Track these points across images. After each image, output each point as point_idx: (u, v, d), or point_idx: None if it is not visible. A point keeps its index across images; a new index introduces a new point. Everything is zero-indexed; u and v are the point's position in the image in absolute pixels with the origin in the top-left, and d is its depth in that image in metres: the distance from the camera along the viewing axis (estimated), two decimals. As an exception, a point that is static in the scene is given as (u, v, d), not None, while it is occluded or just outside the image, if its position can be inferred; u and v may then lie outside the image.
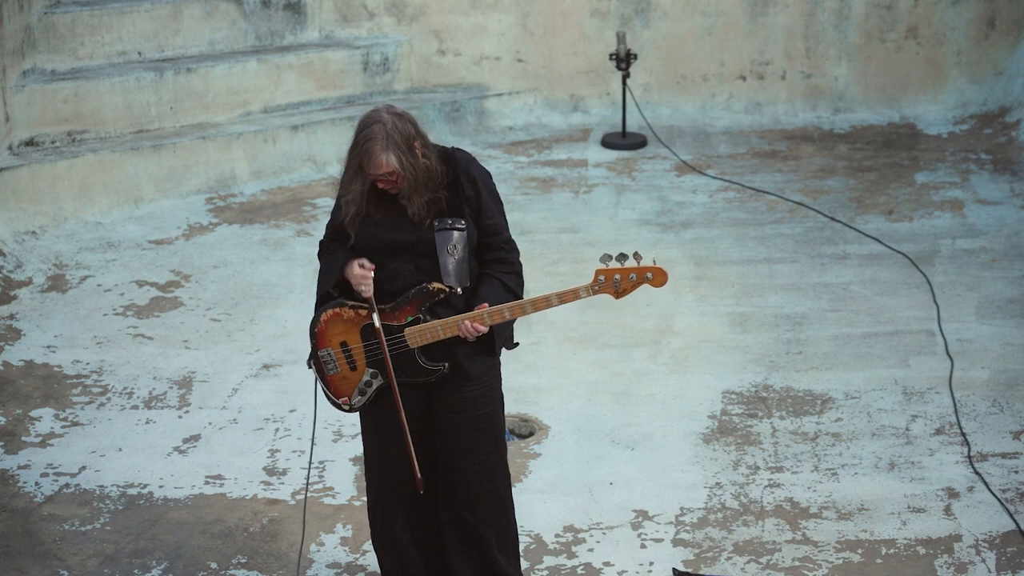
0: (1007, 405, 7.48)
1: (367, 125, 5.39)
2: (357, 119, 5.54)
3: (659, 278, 5.43)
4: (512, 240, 5.66)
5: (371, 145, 5.35)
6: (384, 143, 5.34)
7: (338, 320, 5.57)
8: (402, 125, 5.38)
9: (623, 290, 5.45)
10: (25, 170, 9.56)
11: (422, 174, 5.41)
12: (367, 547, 6.40)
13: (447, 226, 5.46)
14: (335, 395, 5.65)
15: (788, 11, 11.44)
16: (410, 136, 5.39)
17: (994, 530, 6.50)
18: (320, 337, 5.60)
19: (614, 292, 5.45)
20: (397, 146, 5.35)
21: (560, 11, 11.49)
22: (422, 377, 5.57)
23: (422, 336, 5.49)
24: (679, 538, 6.50)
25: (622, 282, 5.43)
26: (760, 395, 7.64)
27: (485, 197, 5.54)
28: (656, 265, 5.44)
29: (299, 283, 8.92)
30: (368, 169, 5.38)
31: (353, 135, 5.45)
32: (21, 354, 8.13)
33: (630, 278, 5.43)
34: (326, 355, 5.61)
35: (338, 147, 10.59)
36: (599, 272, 5.43)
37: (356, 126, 5.46)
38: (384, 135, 5.35)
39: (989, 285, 8.74)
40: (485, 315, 5.44)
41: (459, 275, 5.50)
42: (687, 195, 10.22)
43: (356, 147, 5.40)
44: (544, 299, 5.47)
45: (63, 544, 6.50)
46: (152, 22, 10.66)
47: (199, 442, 7.31)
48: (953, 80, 11.48)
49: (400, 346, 5.53)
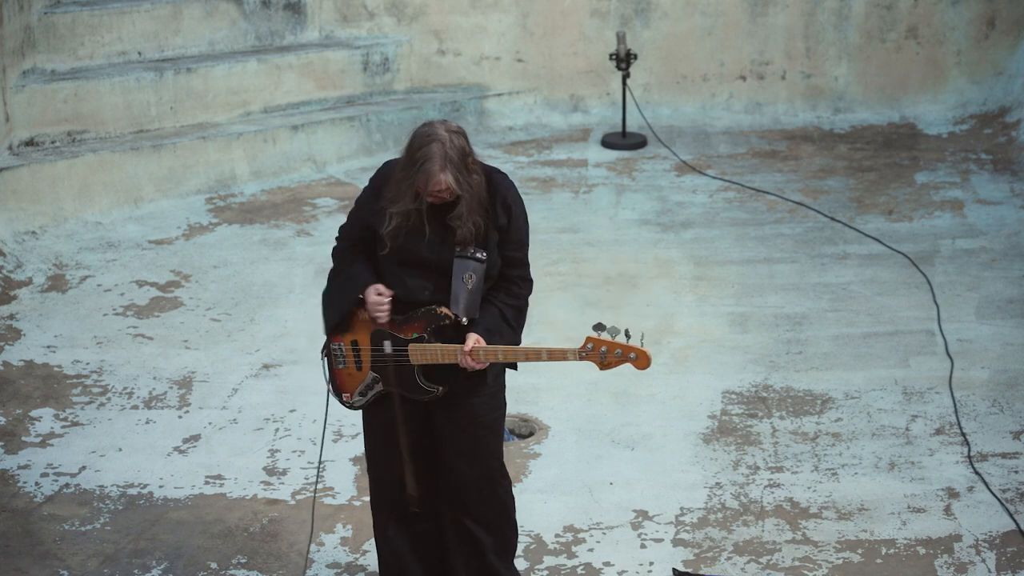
0: (1007, 405, 7.48)
1: (425, 143, 5.31)
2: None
3: (642, 361, 5.42)
4: (529, 276, 5.62)
5: (430, 165, 5.28)
6: (443, 162, 5.28)
7: (354, 318, 5.59)
8: (459, 142, 5.33)
9: (608, 363, 5.45)
10: (25, 170, 9.56)
11: (477, 192, 5.38)
12: (367, 547, 6.40)
13: (468, 255, 5.42)
14: (339, 389, 5.70)
15: (788, 11, 11.44)
16: (465, 153, 5.35)
17: (994, 530, 6.50)
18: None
19: (599, 363, 5.45)
20: (455, 165, 5.30)
21: (560, 11, 11.48)
22: (418, 395, 5.58)
23: (423, 356, 5.49)
24: (679, 538, 6.50)
25: (608, 355, 5.43)
26: (760, 395, 7.64)
27: (516, 229, 5.50)
28: (642, 348, 5.42)
29: (299, 283, 8.92)
30: (425, 187, 5.32)
31: (408, 150, 5.37)
32: (21, 354, 8.13)
33: (616, 353, 5.43)
34: (338, 349, 5.64)
35: (338, 147, 10.58)
36: (589, 339, 5.43)
37: (409, 142, 5.37)
38: (443, 154, 5.28)
39: (989, 285, 8.74)
40: (481, 352, 5.43)
41: (469, 306, 5.46)
42: (687, 195, 10.22)
43: (414, 164, 5.31)
44: (535, 352, 5.48)
45: (63, 544, 6.50)
46: (152, 22, 10.66)
47: (199, 442, 7.31)
48: (953, 80, 11.48)
49: (402, 360, 5.54)
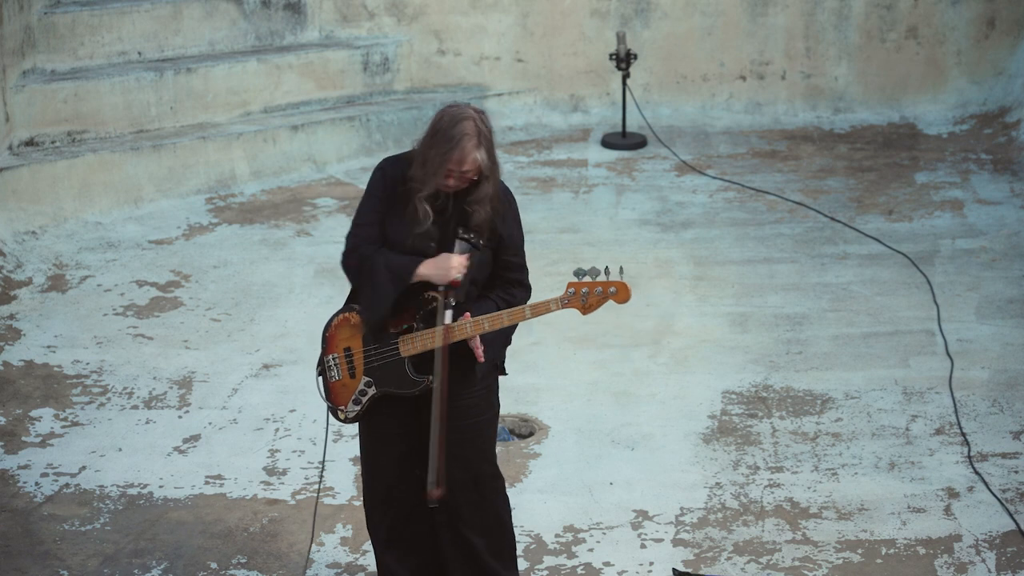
0: (1007, 405, 7.48)
1: (458, 120, 5.27)
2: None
3: (622, 293, 5.34)
4: (527, 283, 5.57)
5: (466, 141, 5.24)
6: (476, 140, 5.26)
7: (346, 325, 5.53)
8: (488, 123, 5.32)
9: (589, 305, 5.37)
10: (25, 170, 9.56)
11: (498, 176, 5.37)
12: (367, 547, 6.39)
13: (468, 238, 5.38)
14: (334, 403, 5.60)
15: (788, 11, 11.44)
16: (492, 133, 5.35)
17: (994, 530, 6.50)
18: (329, 342, 5.57)
19: (581, 307, 5.37)
20: (488, 144, 5.29)
21: (560, 11, 11.48)
22: (407, 389, 5.49)
23: (413, 345, 5.43)
24: (679, 538, 6.50)
25: (589, 296, 5.35)
26: (760, 395, 7.64)
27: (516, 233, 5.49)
28: (620, 280, 5.34)
29: (299, 283, 8.92)
30: (457, 166, 5.27)
31: (435, 129, 5.30)
32: (21, 354, 8.13)
33: (596, 292, 5.35)
34: (331, 361, 5.57)
35: (338, 147, 10.58)
36: (570, 285, 5.36)
37: (437, 121, 5.31)
38: (476, 131, 5.26)
39: (989, 285, 8.74)
40: (468, 325, 5.36)
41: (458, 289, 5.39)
42: (687, 195, 10.22)
43: (449, 141, 5.24)
44: (519, 312, 5.39)
45: (63, 544, 6.50)
46: (152, 22, 10.66)
47: (199, 442, 7.31)
48: (953, 80, 11.48)
49: (392, 355, 5.48)
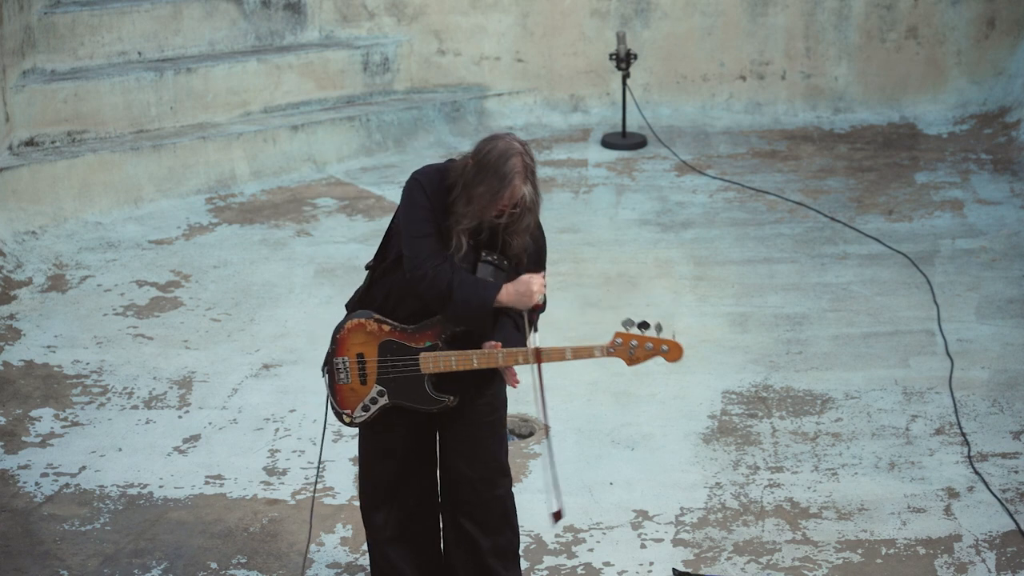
0: (1007, 405, 7.48)
1: (508, 156, 5.24)
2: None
3: (674, 352, 5.31)
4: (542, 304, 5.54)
5: (517, 179, 5.22)
6: (524, 175, 5.25)
7: (360, 331, 5.52)
8: (532, 156, 5.31)
9: (636, 358, 5.34)
10: (25, 170, 9.56)
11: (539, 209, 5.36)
12: (367, 547, 6.39)
13: (492, 260, 5.39)
14: (340, 405, 5.61)
15: (788, 11, 11.44)
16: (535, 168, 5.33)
17: (994, 530, 6.50)
18: (340, 345, 5.55)
19: (627, 358, 5.35)
20: (533, 178, 5.28)
21: (560, 11, 11.49)
22: (425, 405, 5.51)
23: (435, 364, 5.43)
24: (679, 538, 6.50)
25: (637, 349, 5.32)
26: (760, 395, 7.64)
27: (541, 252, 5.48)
28: (674, 340, 5.32)
29: (299, 283, 8.92)
30: (508, 203, 5.26)
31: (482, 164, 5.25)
32: (21, 354, 8.13)
33: (646, 347, 5.32)
34: (340, 364, 5.56)
35: (338, 147, 10.58)
36: (617, 335, 5.33)
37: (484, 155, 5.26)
38: (524, 167, 5.25)
39: (989, 285, 8.73)
40: (500, 356, 5.36)
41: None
42: (687, 195, 10.22)
43: (501, 180, 5.22)
44: (559, 351, 5.36)
45: (63, 544, 6.50)
46: (152, 22, 10.66)
47: (199, 442, 7.31)
48: (953, 80, 11.48)
49: (412, 369, 5.48)
